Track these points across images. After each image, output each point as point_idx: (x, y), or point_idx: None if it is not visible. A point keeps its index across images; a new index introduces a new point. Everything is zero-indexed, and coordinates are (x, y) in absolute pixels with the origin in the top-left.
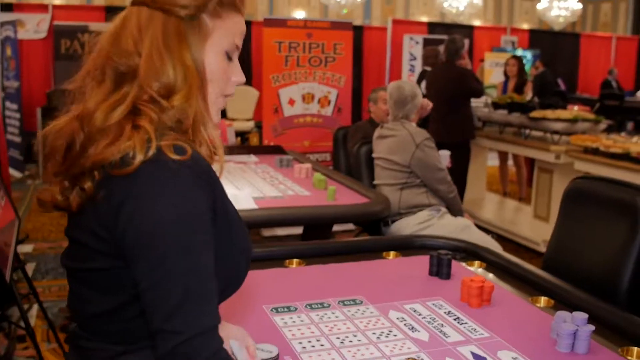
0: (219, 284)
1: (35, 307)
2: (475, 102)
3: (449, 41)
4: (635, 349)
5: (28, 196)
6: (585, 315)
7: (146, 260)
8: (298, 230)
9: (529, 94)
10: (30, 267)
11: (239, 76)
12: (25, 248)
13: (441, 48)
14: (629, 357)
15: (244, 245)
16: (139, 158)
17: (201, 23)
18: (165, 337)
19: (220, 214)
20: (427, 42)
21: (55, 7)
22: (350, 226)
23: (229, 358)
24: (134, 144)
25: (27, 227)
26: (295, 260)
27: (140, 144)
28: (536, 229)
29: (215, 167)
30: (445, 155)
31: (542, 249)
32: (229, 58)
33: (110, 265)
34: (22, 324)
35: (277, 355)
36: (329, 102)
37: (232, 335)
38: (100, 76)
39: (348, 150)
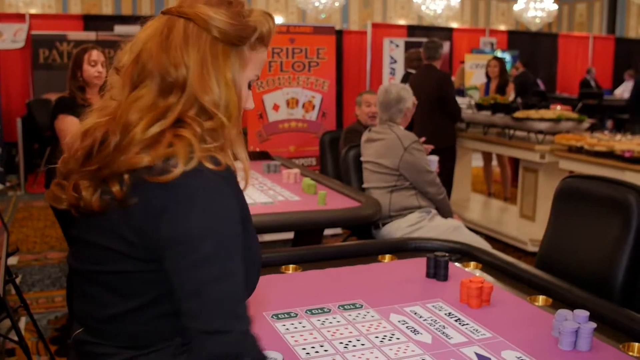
0: None
1: (23, 320)
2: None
3: (428, 42)
4: (636, 344)
5: (10, 208)
6: (587, 313)
7: (187, 267)
8: (285, 235)
9: (511, 95)
10: (16, 280)
11: (251, 104)
12: (10, 260)
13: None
14: (630, 353)
15: (258, 253)
16: (180, 167)
17: (243, 52)
18: (213, 338)
19: (245, 223)
20: (408, 45)
21: (32, 16)
22: (338, 230)
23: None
24: (176, 153)
25: (10, 239)
26: (291, 266)
27: (184, 154)
28: (523, 228)
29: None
30: (433, 161)
31: (530, 248)
32: (249, 87)
33: (135, 268)
34: (13, 337)
35: None
36: (314, 107)
37: None
38: (140, 79)
39: (340, 153)
